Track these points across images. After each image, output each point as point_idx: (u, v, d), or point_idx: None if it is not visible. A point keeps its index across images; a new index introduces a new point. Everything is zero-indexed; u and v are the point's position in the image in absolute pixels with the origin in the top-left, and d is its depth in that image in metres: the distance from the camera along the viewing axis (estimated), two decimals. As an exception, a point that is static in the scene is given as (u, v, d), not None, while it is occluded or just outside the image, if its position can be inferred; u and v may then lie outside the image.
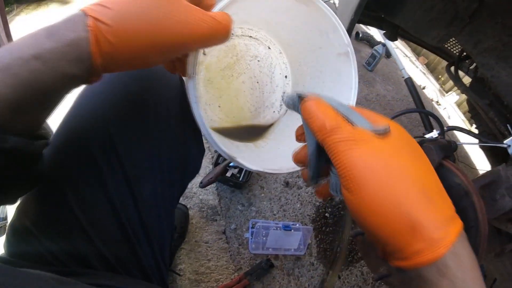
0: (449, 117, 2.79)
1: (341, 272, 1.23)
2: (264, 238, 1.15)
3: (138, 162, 0.51)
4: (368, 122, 0.30)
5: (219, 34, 0.34)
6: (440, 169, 0.72)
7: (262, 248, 1.14)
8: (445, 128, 0.87)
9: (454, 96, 3.16)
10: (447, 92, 3.35)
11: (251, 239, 1.14)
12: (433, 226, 0.25)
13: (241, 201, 1.25)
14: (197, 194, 1.20)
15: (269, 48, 0.59)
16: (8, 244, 0.47)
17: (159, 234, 0.55)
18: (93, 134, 0.46)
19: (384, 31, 1.28)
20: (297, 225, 1.23)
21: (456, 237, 0.26)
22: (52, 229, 0.46)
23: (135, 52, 0.31)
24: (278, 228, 1.16)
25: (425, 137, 0.89)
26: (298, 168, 0.43)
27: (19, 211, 0.47)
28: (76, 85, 0.31)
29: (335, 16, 0.47)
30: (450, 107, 3.04)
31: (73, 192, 0.46)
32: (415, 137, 0.88)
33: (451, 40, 1.26)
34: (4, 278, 0.28)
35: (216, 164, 1.21)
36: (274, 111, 0.61)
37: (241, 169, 1.25)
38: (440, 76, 3.52)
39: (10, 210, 0.84)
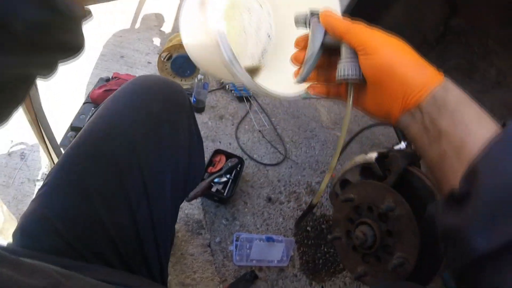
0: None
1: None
2: (248, 250, 1.18)
3: (154, 166, 0.58)
4: None
5: None
6: (405, 174, 0.78)
7: (246, 260, 1.18)
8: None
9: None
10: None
11: (236, 251, 1.18)
12: (432, 66, 0.39)
13: (226, 216, 1.29)
14: (183, 209, 1.24)
15: (261, 6, 0.65)
16: (22, 232, 0.50)
17: (165, 236, 0.60)
18: (116, 142, 0.55)
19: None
20: (280, 237, 1.27)
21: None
22: (72, 219, 0.51)
23: None
24: (261, 240, 1.20)
25: (393, 148, 0.97)
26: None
27: (41, 201, 0.52)
28: None
29: None
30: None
31: (95, 189, 0.52)
32: (384, 148, 0.96)
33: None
34: (9, 269, 0.31)
35: (201, 179, 1.26)
36: (252, 63, 0.66)
37: (225, 185, 1.30)
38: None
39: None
